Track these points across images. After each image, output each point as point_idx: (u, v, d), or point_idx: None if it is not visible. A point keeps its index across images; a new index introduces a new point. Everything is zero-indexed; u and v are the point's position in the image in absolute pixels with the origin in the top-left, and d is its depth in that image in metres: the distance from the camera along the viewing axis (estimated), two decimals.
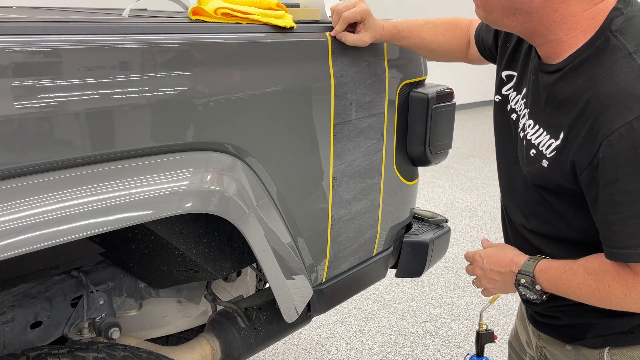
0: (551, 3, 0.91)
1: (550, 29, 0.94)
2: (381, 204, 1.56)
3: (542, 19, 0.93)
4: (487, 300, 2.85)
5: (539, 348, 1.22)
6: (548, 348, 1.18)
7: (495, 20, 1.00)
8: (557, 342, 1.15)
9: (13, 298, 1.23)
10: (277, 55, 1.18)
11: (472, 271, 1.18)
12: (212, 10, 1.12)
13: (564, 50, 0.95)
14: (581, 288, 0.97)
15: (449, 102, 1.61)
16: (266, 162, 1.19)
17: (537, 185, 1.04)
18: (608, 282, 0.94)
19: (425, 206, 4.45)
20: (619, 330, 1.05)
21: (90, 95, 0.88)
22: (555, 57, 0.97)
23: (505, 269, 1.08)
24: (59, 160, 0.87)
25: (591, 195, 0.92)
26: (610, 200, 0.88)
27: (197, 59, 1.03)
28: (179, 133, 1.01)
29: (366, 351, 2.57)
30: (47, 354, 1.05)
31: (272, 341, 1.52)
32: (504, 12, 0.95)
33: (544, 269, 1.02)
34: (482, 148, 6.63)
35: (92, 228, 0.88)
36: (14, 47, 0.80)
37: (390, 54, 1.46)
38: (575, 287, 0.98)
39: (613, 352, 1.06)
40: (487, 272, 1.12)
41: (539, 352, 1.23)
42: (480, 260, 1.13)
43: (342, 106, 1.33)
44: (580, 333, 1.09)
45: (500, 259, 1.10)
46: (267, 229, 1.19)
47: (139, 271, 1.38)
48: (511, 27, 0.99)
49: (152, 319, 1.57)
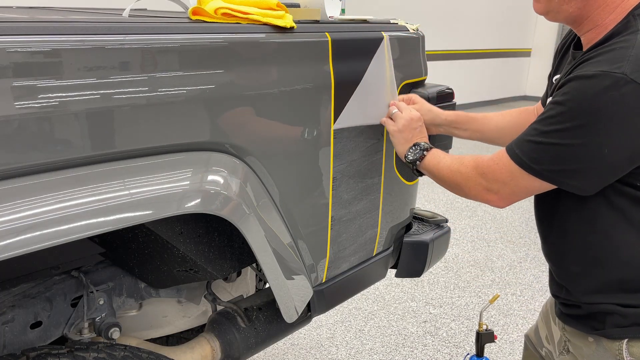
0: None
1: (600, 13, 1.05)
2: (381, 204, 1.56)
3: (595, 2, 1.04)
4: (487, 300, 2.85)
5: (563, 342, 1.27)
6: (572, 341, 1.24)
7: (554, 8, 1.10)
8: (580, 334, 1.20)
9: (13, 298, 1.23)
10: (277, 56, 1.18)
11: (395, 115, 1.39)
12: (212, 10, 1.12)
13: (602, 34, 1.05)
14: (444, 174, 1.25)
15: (449, 102, 1.62)
16: (266, 162, 1.19)
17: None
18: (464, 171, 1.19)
19: (425, 206, 4.45)
20: (634, 322, 1.10)
21: (90, 96, 0.88)
22: (594, 42, 1.06)
23: (412, 138, 1.36)
24: (59, 161, 0.87)
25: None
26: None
27: (197, 60, 1.03)
28: (179, 133, 1.01)
29: (366, 351, 2.57)
30: (47, 354, 1.05)
31: (272, 341, 1.52)
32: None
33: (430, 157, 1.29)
34: (482, 148, 6.63)
35: (92, 228, 0.88)
36: (14, 47, 0.79)
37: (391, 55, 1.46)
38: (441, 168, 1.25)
39: (631, 345, 1.10)
40: (401, 124, 1.37)
41: (561, 346, 1.28)
42: (406, 118, 1.37)
43: (342, 106, 1.33)
44: (599, 323, 1.15)
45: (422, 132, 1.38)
46: (267, 229, 1.19)
47: (139, 271, 1.38)
48: (567, 14, 1.09)
49: (152, 319, 1.57)
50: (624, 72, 0.92)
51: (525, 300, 3.08)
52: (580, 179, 1.03)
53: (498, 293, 2.51)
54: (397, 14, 3.66)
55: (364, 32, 1.42)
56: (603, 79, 0.93)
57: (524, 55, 10.31)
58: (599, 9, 1.05)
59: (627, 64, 0.93)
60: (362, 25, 1.45)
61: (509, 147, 1.10)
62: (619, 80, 0.92)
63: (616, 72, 0.93)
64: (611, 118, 0.94)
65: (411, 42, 1.56)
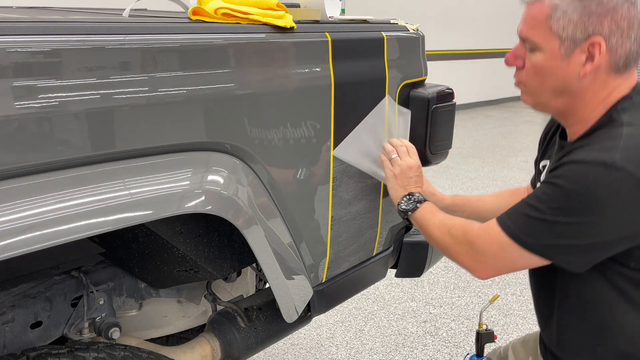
0: (594, 86, 1.08)
1: (585, 108, 1.10)
2: (381, 204, 1.56)
3: (582, 100, 1.10)
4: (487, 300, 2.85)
5: None
6: None
7: (543, 103, 1.16)
8: None
9: (13, 298, 1.23)
10: (277, 56, 1.18)
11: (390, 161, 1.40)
12: (212, 10, 1.12)
13: (587, 126, 1.11)
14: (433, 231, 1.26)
15: (449, 102, 1.61)
16: (266, 162, 1.19)
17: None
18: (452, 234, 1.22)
19: None
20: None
21: (90, 96, 0.88)
22: (580, 134, 1.12)
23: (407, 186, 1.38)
24: (59, 161, 0.87)
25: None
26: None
27: (197, 60, 1.03)
28: (179, 133, 1.01)
29: (366, 351, 2.57)
30: (47, 354, 1.05)
31: (272, 341, 1.52)
32: (554, 94, 1.12)
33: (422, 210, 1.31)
34: (482, 148, 6.63)
35: (92, 228, 0.88)
36: (14, 47, 0.80)
37: (390, 54, 1.46)
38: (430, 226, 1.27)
39: None
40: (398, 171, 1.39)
41: None
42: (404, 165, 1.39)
43: (342, 106, 1.33)
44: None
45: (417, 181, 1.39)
46: (267, 229, 1.19)
47: (139, 271, 1.38)
48: (554, 108, 1.16)
49: (152, 319, 1.57)
50: (614, 160, 0.98)
51: (525, 300, 3.08)
52: (571, 255, 1.06)
53: (498, 293, 2.51)
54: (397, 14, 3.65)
55: (364, 32, 1.42)
56: (596, 165, 0.99)
57: None
58: (585, 106, 1.10)
59: (617, 152, 0.99)
60: (362, 25, 1.46)
61: (501, 219, 1.12)
62: (610, 167, 0.98)
63: (607, 160, 0.98)
64: (602, 201, 0.99)
65: (411, 42, 1.56)
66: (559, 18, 1.05)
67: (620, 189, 0.98)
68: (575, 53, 1.06)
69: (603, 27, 1.03)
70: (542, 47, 1.09)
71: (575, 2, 1.04)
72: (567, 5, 1.04)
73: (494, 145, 6.82)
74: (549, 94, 1.13)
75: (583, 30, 1.04)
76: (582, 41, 1.05)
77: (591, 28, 1.04)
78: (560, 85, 1.10)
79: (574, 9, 1.04)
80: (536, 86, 1.13)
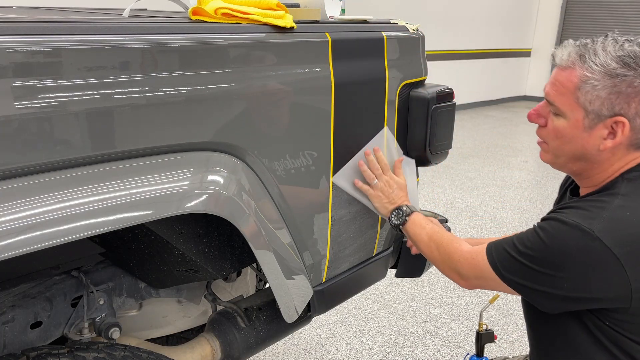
0: (612, 158, 1.11)
1: (600, 175, 1.14)
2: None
3: (599, 167, 1.14)
4: (487, 300, 2.85)
5: None
6: None
7: (561, 164, 1.20)
8: None
9: (13, 298, 1.23)
10: (277, 56, 1.18)
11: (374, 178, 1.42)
12: (212, 11, 1.12)
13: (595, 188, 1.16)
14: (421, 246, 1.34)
15: (449, 102, 1.61)
16: (266, 162, 1.19)
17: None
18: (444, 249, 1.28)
19: (425, 206, 4.45)
20: None
21: (90, 96, 0.88)
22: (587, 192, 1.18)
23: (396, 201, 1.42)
24: (59, 160, 0.87)
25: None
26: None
27: (197, 60, 1.03)
28: (179, 133, 1.01)
29: (366, 351, 2.57)
30: (47, 354, 1.05)
31: (272, 341, 1.52)
32: (572, 159, 1.16)
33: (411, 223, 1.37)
34: (482, 148, 6.63)
35: (92, 228, 0.88)
36: (14, 47, 0.80)
37: (390, 54, 1.46)
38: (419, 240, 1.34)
39: None
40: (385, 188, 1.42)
41: None
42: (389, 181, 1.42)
43: (342, 106, 1.33)
44: None
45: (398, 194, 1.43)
46: (267, 229, 1.19)
47: (139, 271, 1.38)
48: (571, 170, 1.21)
49: (152, 319, 1.57)
50: (592, 230, 1.02)
51: None
52: (543, 299, 1.11)
53: (498, 293, 2.51)
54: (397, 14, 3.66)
55: (364, 32, 1.42)
56: (574, 230, 1.04)
57: (524, 55, 10.31)
58: (601, 173, 1.15)
59: (597, 222, 1.03)
60: (362, 25, 1.46)
61: (489, 248, 1.18)
62: (587, 235, 1.02)
63: (585, 227, 1.03)
64: (574, 263, 1.04)
65: (411, 42, 1.56)
66: (588, 91, 1.07)
67: (591, 256, 1.03)
68: (598, 127, 1.09)
69: (630, 108, 1.06)
70: (566, 115, 1.12)
71: (606, 79, 1.06)
72: (598, 81, 1.06)
73: (494, 145, 6.82)
74: (568, 158, 1.16)
75: (609, 108, 1.07)
76: (607, 118, 1.07)
77: (618, 107, 1.06)
78: (579, 152, 1.13)
79: (604, 86, 1.06)
80: (556, 148, 1.17)
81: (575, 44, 1.12)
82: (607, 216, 1.04)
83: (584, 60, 1.08)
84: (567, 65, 1.11)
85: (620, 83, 1.04)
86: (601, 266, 1.02)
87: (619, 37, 1.09)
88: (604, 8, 9.46)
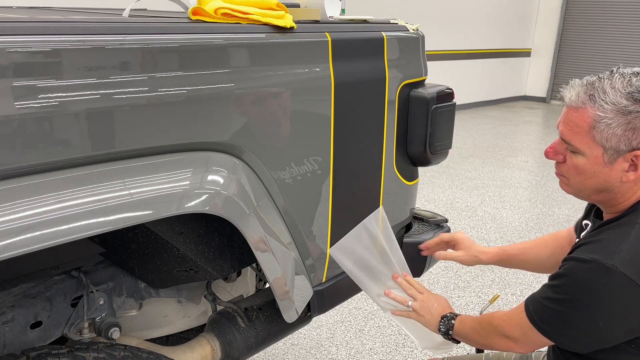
0: (635, 187, 1.13)
1: (624, 202, 1.16)
2: (381, 204, 1.56)
3: (622, 196, 1.15)
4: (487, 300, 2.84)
5: None
6: None
7: (584, 196, 1.21)
8: None
9: (13, 298, 1.23)
10: (277, 55, 1.18)
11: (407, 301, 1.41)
12: (212, 10, 1.12)
13: (617, 213, 1.17)
14: (473, 338, 1.32)
15: (449, 102, 1.61)
16: (266, 162, 1.19)
17: None
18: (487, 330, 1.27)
19: (425, 206, 4.44)
20: None
21: (90, 95, 0.88)
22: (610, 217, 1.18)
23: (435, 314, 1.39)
24: (59, 160, 0.87)
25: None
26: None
27: (197, 60, 1.03)
28: (179, 133, 1.01)
29: (366, 351, 2.57)
30: (47, 354, 1.05)
31: (272, 341, 1.52)
32: (596, 191, 1.17)
33: (457, 327, 1.35)
34: (482, 148, 6.63)
35: (92, 228, 0.88)
36: (14, 47, 0.80)
37: (390, 54, 1.46)
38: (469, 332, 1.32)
39: None
40: (419, 309, 1.40)
41: None
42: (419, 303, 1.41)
43: (342, 106, 1.33)
44: None
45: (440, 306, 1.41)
46: (267, 229, 1.19)
47: (139, 271, 1.38)
48: (595, 200, 1.21)
49: (152, 319, 1.57)
50: (614, 265, 1.03)
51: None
52: (579, 344, 1.12)
53: (498, 293, 2.51)
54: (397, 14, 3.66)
55: (364, 32, 1.42)
56: (596, 267, 1.05)
57: (524, 55, 10.30)
58: (623, 200, 1.16)
59: (618, 256, 1.04)
60: (362, 25, 1.46)
61: (526, 304, 1.18)
62: (609, 270, 1.03)
63: (607, 263, 1.04)
64: (602, 301, 1.05)
65: (411, 42, 1.56)
66: (603, 130, 1.09)
67: (617, 291, 1.04)
68: (619, 161, 1.11)
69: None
70: (585, 153, 1.13)
71: (619, 116, 1.07)
72: (611, 119, 1.07)
73: (494, 145, 6.82)
74: (591, 191, 1.18)
75: (627, 144, 1.08)
76: (626, 152, 1.09)
77: (635, 142, 1.08)
78: (602, 186, 1.15)
79: (618, 124, 1.07)
80: (578, 183, 1.18)
81: (582, 84, 1.13)
82: (627, 248, 1.06)
83: (594, 100, 1.09)
84: (577, 106, 1.12)
85: (634, 119, 1.06)
86: (629, 298, 1.04)
87: (625, 72, 1.10)
88: (604, 8, 9.46)
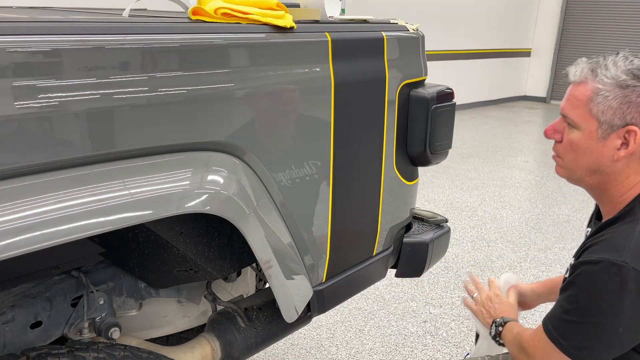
0: (627, 170, 1.14)
1: (616, 189, 1.17)
2: (381, 204, 1.56)
3: (615, 180, 1.16)
4: None
5: None
6: None
7: (577, 178, 1.22)
8: None
9: (13, 298, 1.23)
10: (277, 55, 1.18)
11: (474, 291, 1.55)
12: (212, 10, 1.12)
13: (616, 211, 1.17)
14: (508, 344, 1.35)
15: (449, 102, 1.61)
16: (266, 162, 1.19)
17: None
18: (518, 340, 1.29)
19: (425, 206, 4.44)
20: None
21: (90, 95, 0.88)
22: (609, 217, 1.19)
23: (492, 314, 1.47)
24: (59, 160, 0.87)
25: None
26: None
27: (197, 60, 1.03)
28: (179, 133, 1.01)
29: (366, 351, 2.57)
30: (47, 354, 1.05)
31: (272, 341, 1.52)
32: (587, 171, 1.18)
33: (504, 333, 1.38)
34: (482, 148, 6.63)
35: (92, 228, 0.88)
36: (14, 47, 0.80)
37: (390, 54, 1.46)
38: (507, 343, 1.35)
39: None
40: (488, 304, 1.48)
41: None
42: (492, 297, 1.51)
43: (342, 106, 1.33)
44: None
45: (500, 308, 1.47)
46: (267, 229, 1.19)
47: (139, 271, 1.38)
48: (587, 184, 1.22)
49: (152, 319, 1.57)
50: (625, 261, 1.04)
51: None
52: (600, 356, 1.11)
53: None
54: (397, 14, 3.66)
55: (364, 32, 1.42)
56: (607, 266, 1.06)
57: (523, 55, 10.30)
58: (617, 187, 1.17)
59: (627, 252, 1.05)
60: (362, 25, 1.46)
61: (544, 323, 1.19)
62: (620, 267, 1.04)
63: (617, 260, 1.05)
64: (618, 301, 1.05)
65: (411, 42, 1.56)
66: (600, 102, 1.11)
67: (631, 288, 1.04)
68: (611, 137, 1.12)
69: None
70: (581, 127, 1.15)
71: (617, 89, 1.10)
72: (609, 92, 1.10)
73: (494, 145, 6.82)
74: (583, 171, 1.19)
75: (621, 118, 1.10)
76: (619, 127, 1.11)
77: (629, 117, 1.10)
78: (594, 164, 1.16)
79: (615, 97, 1.10)
80: (571, 161, 1.20)
81: (587, 61, 1.16)
82: (635, 244, 1.07)
83: (595, 74, 1.12)
84: (580, 80, 1.15)
85: (631, 93, 1.09)
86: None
87: (629, 55, 1.14)
88: (604, 8, 9.46)
